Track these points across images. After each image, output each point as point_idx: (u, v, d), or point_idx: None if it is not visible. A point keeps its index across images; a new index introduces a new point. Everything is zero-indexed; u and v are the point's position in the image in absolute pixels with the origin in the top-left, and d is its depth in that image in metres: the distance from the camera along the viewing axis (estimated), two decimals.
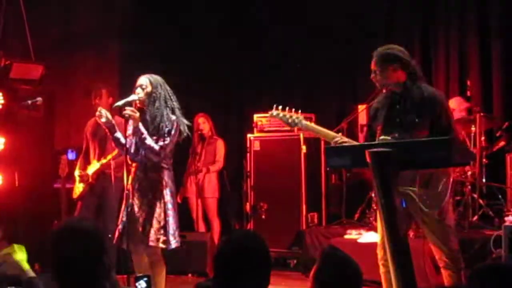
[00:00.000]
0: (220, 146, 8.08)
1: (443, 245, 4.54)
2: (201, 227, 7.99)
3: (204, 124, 8.02)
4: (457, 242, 4.62)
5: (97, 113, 5.15)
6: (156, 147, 4.98)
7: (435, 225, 4.51)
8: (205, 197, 7.96)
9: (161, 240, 4.99)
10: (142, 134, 4.95)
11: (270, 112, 4.86)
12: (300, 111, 4.87)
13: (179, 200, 7.52)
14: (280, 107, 4.82)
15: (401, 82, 4.56)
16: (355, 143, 4.58)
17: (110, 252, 3.23)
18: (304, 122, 4.68)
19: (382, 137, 4.49)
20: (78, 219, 2.98)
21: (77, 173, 6.78)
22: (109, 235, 5.08)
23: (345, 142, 4.51)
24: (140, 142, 4.98)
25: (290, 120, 4.71)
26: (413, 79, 4.58)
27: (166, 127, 5.00)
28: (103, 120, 5.12)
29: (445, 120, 4.50)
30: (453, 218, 4.78)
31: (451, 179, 4.53)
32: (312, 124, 4.77)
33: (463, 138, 6.89)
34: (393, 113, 4.56)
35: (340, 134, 4.63)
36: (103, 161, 6.57)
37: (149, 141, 4.96)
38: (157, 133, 5.00)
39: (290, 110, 4.80)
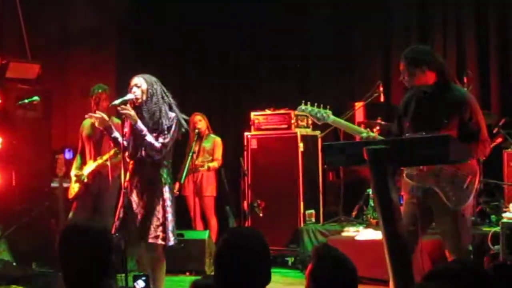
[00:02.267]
0: (218, 145, 8.07)
1: (457, 243, 4.50)
2: (199, 226, 7.99)
3: (200, 122, 8.00)
4: (470, 242, 4.60)
5: (94, 120, 5.22)
6: (157, 144, 4.98)
7: (456, 222, 4.47)
8: (202, 195, 7.96)
9: (160, 237, 5.00)
10: (142, 131, 4.95)
11: (299, 107, 4.75)
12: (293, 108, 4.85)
13: (176, 194, 7.51)
14: (308, 102, 4.76)
15: (429, 84, 4.53)
16: (381, 138, 4.50)
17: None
18: (332, 116, 4.62)
19: (408, 134, 4.48)
20: (85, 218, 2.98)
21: (73, 173, 6.76)
22: None
23: (372, 137, 4.41)
24: (141, 140, 4.99)
25: (318, 115, 4.62)
26: (443, 79, 4.56)
27: (166, 123, 5.02)
28: (99, 125, 5.18)
29: (474, 123, 4.48)
30: (471, 219, 4.76)
31: (477, 178, 4.53)
32: (340, 119, 4.69)
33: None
34: (422, 110, 4.54)
35: (367, 130, 4.57)
36: (99, 161, 6.55)
37: (150, 138, 4.97)
38: (157, 129, 5.01)
39: (318, 105, 4.74)
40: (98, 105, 6.63)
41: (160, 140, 4.99)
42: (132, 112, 4.97)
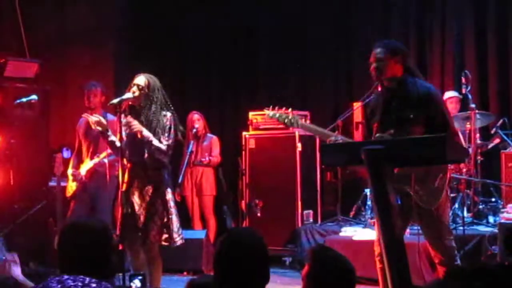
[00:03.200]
0: (215, 143, 8.07)
1: (439, 241, 4.54)
2: (198, 225, 7.98)
3: (198, 121, 7.99)
4: (452, 238, 4.62)
5: (92, 124, 5.13)
6: (163, 147, 4.98)
7: (432, 221, 4.51)
8: (202, 194, 7.95)
9: (163, 237, 5.01)
10: (148, 138, 4.93)
11: (266, 113, 4.86)
12: (291, 108, 4.89)
13: (178, 199, 7.51)
14: (276, 107, 4.81)
15: (397, 76, 4.53)
16: (350, 141, 4.57)
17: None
18: (300, 122, 4.69)
19: (378, 134, 4.49)
20: (85, 218, 2.98)
21: (70, 171, 6.75)
22: None
23: (341, 140, 4.49)
24: (147, 145, 4.96)
25: (286, 120, 4.71)
26: (409, 74, 4.57)
27: (166, 124, 5.01)
28: (98, 128, 5.12)
29: (441, 116, 4.49)
30: (448, 214, 4.79)
31: (448, 175, 4.54)
32: (308, 124, 4.78)
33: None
34: (389, 110, 4.55)
35: (336, 132, 4.63)
36: (96, 160, 6.54)
37: (156, 142, 4.95)
38: (154, 135, 4.99)
39: (286, 109, 4.79)
40: (90, 101, 6.63)
41: (164, 142, 4.99)
42: (137, 123, 4.94)
